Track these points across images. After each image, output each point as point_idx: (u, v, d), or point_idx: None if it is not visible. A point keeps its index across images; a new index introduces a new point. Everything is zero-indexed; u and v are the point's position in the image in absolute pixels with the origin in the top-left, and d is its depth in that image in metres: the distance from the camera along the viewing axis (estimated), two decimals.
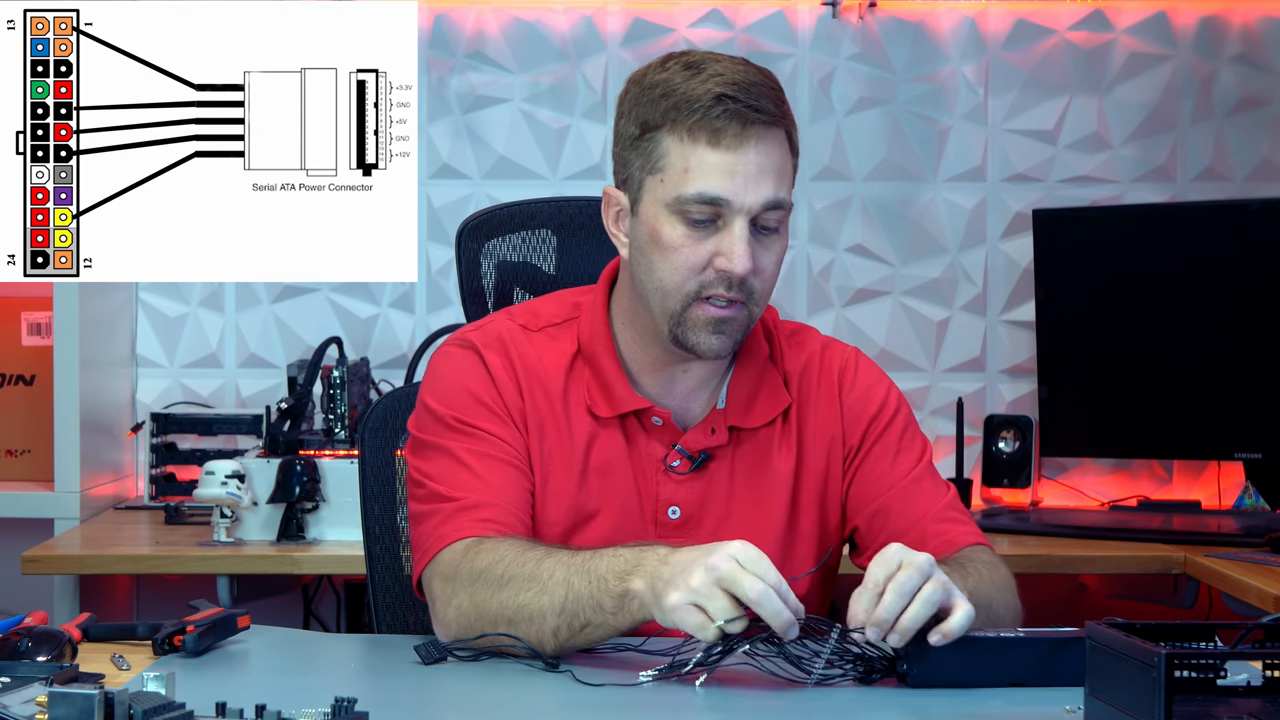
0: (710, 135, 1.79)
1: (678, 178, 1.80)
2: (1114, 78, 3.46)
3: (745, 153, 1.79)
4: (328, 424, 3.06)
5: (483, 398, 1.88)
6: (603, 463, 1.89)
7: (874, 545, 1.90)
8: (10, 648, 1.62)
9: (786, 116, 1.84)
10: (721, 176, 1.79)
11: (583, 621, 1.68)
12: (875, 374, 2.00)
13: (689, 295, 1.82)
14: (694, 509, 1.90)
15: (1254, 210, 3.19)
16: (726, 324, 1.83)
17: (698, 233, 1.81)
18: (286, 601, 3.26)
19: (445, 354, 1.93)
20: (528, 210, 2.33)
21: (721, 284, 1.81)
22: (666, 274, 1.83)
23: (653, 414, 1.90)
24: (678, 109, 1.80)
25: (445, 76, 3.42)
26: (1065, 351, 3.29)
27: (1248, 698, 1.32)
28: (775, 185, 1.80)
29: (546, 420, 1.89)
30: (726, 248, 1.80)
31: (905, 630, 1.57)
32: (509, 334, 1.93)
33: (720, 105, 1.78)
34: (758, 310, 1.86)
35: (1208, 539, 2.94)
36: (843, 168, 3.45)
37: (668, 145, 1.81)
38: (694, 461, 1.90)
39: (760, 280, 1.83)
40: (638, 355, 1.91)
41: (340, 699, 1.36)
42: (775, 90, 1.83)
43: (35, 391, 3.28)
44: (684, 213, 1.80)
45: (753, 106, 1.79)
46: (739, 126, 1.78)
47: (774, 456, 1.92)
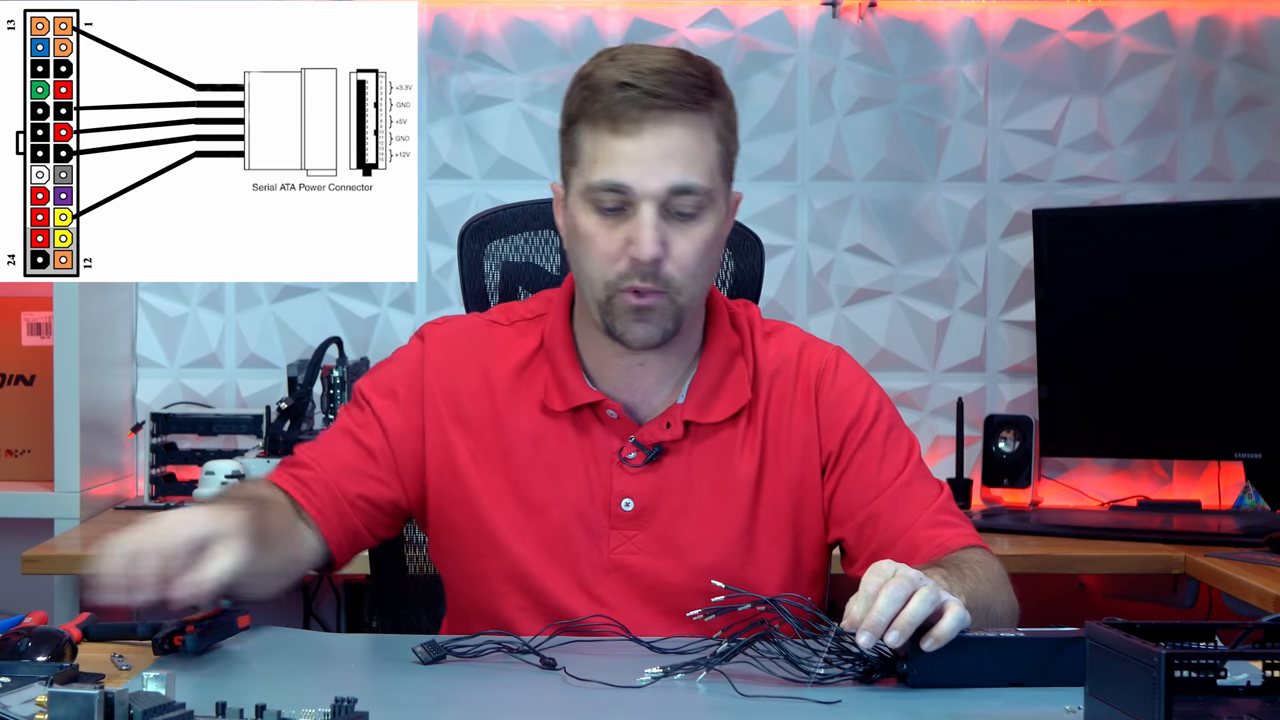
0: (610, 122, 1.80)
1: (588, 167, 1.82)
2: (1114, 78, 3.46)
3: (643, 138, 1.80)
4: (328, 424, 3.06)
5: (396, 385, 1.95)
6: (550, 457, 1.91)
7: (865, 554, 1.90)
8: (10, 648, 1.62)
9: (700, 102, 1.82)
10: (623, 163, 1.80)
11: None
12: (855, 375, 1.98)
13: (609, 285, 1.83)
14: (648, 501, 1.90)
15: (1254, 210, 3.19)
16: (649, 312, 1.83)
17: (609, 221, 1.82)
18: (287, 601, 3.26)
19: (408, 341, 2.00)
20: (530, 211, 2.33)
21: (636, 274, 1.81)
22: (587, 264, 1.85)
23: (606, 407, 1.91)
24: (587, 99, 1.82)
25: (445, 76, 3.42)
26: (1065, 351, 3.29)
27: (1248, 698, 1.32)
28: (683, 170, 1.80)
29: (484, 417, 1.93)
30: (634, 234, 1.81)
31: (905, 626, 1.56)
32: (469, 329, 1.98)
33: (620, 92, 1.80)
34: (684, 299, 1.84)
35: (1208, 539, 2.94)
36: (843, 168, 3.45)
37: (583, 136, 1.83)
38: (648, 454, 1.90)
39: (678, 268, 1.82)
40: (594, 351, 1.93)
41: (340, 699, 1.36)
42: (691, 76, 1.82)
43: (35, 391, 3.28)
44: (595, 201, 1.82)
45: (651, 92, 1.79)
46: (638, 111, 1.79)
47: (735, 456, 1.92)
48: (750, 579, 1.87)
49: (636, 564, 1.90)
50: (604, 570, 1.90)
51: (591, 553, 1.90)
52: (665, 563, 1.89)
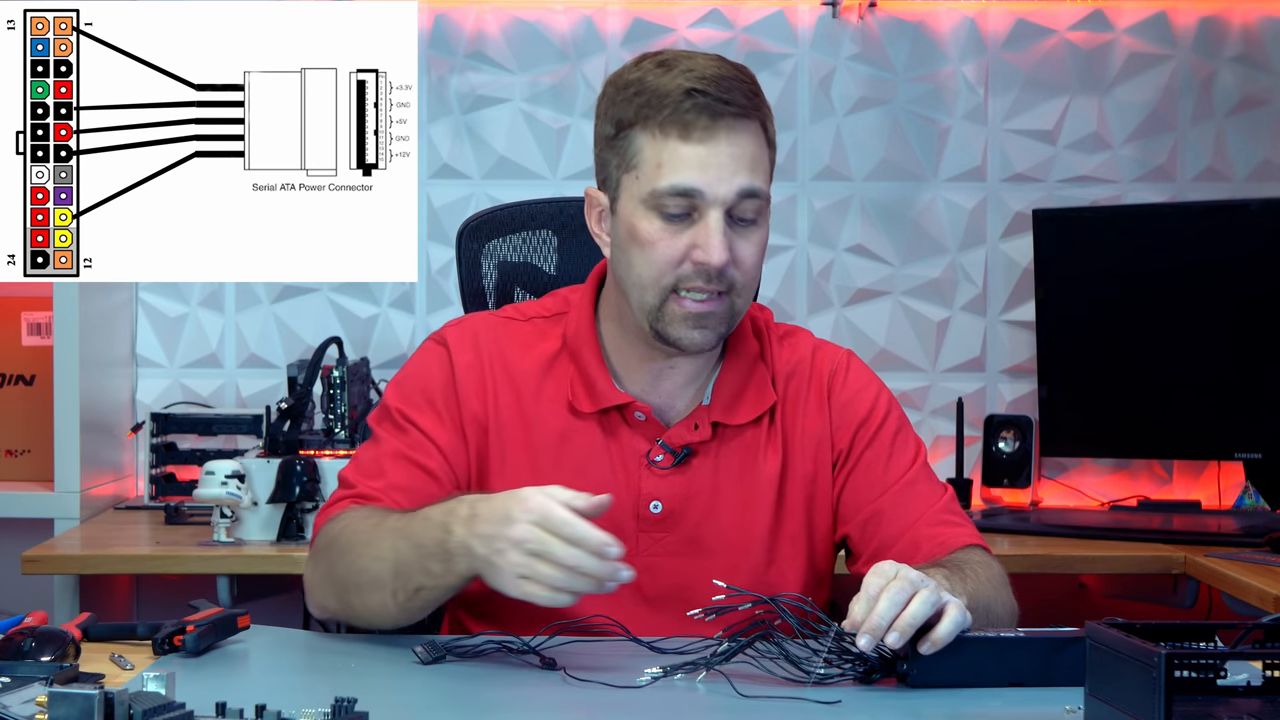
0: (681, 129, 1.81)
1: (652, 173, 1.83)
2: (1114, 78, 3.46)
3: (716, 144, 1.81)
4: (328, 424, 3.06)
5: (434, 397, 1.92)
6: (578, 459, 1.91)
7: (868, 550, 1.91)
8: (14, 647, 1.62)
9: (759, 109, 1.85)
10: (694, 169, 1.81)
11: (415, 585, 1.73)
12: (865, 377, 2.00)
13: (665, 289, 1.84)
14: (677, 503, 1.90)
15: (1254, 210, 3.19)
16: (708, 318, 1.85)
17: (673, 226, 1.83)
18: (286, 601, 3.25)
19: (421, 348, 1.99)
20: (528, 211, 2.33)
21: (700, 277, 1.83)
22: (644, 269, 1.84)
23: (635, 409, 1.91)
24: (649, 105, 1.83)
25: (445, 76, 3.42)
26: (1065, 351, 3.29)
27: (1248, 698, 1.32)
28: (749, 175, 1.82)
29: (512, 418, 1.92)
30: (702, 239, 1.81)
31: (905, 628, 1.57)
32: (487, 328, 1.97)
33: (690, 99, 1.81)
34: (740, 302, 1.87)
35: (1208, 539, 2.94)
36: (843, 168, 3.45)
37: (641, 142, 1.83)
38: (676, 456, 1.90)
39: (740, 271, 1.84)
40: (622, 352, 1.93)
41: (340, 699, 1.36)
42: (747, 83, 1.85)
43: (35, 391, 3.28)
44: (659, 207, 1.83)
45: (722, 99, 1.81)
46: (709, 119, 1.81)
47: (759, 457, 1.93)
48: (773, 579, 1.89)
49: (664, 566, 1.90)
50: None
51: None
52: (693, 564, 1.90)
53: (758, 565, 1.90)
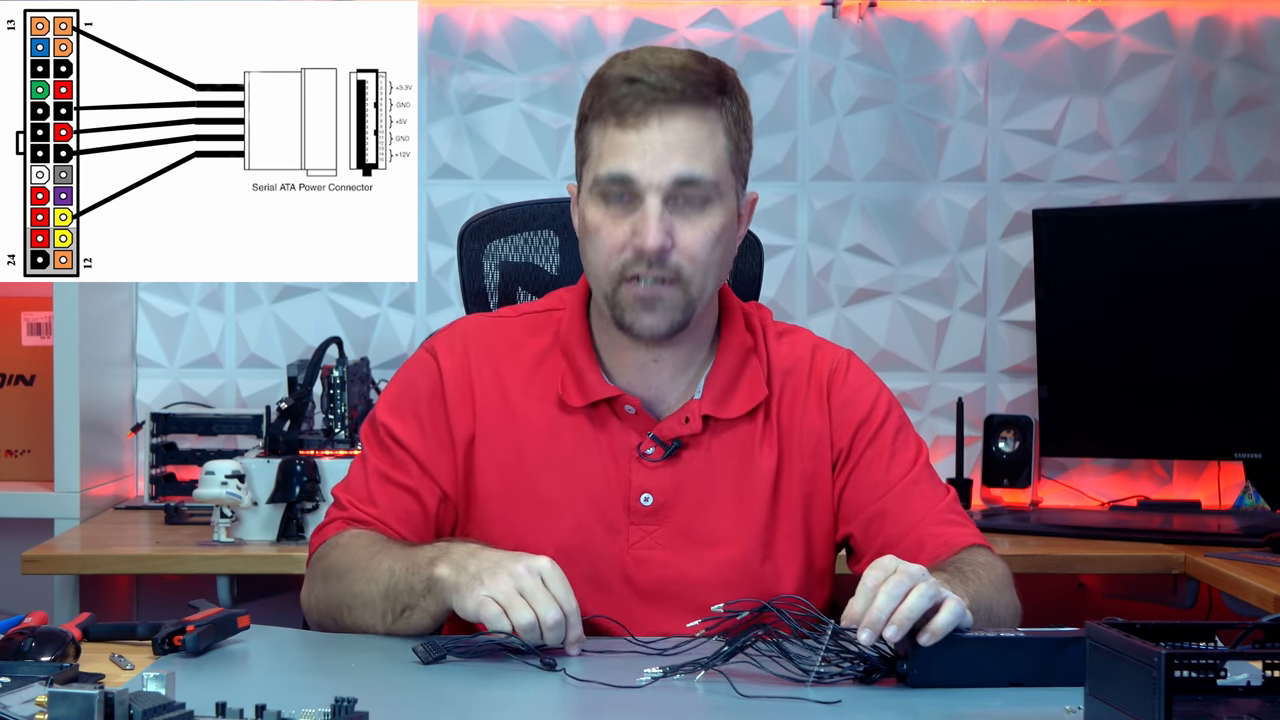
0: (618, 116, 1.84)
1: (596, 161, 1.86)
2: (1114, 78, 3.46)
3: (649, 131, 1.82)
4: (328, 424, 3.06)
5: (419, 408, 1.96)
6: (567, 453, 1.92)
7: (872, 550, 1.91)
8: (14, 647, 1.62)
9: (707, 98, 1.84)
10: (628, 155, 1.83)
11: (402, 605, 1.79)
12: (866, 376, 2.00)
13: (615, 276, 1.85)
14: (668, 496, 1.91)
15: (1254, 210, 3.19)
16: (657, 302, 1.85)
17: (615, 211, 1.85)
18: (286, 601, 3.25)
19: (413, 357, 2.02)
20: (530, 211, 2.33)
21: (640, 263, 1.83)
22: (594, 256, 1.87)
23: (624, 402, 1.92)
24: (599, 96, 1.86)
25: (445, 76, 3.42)
26: (1065, 351, 3.29)
27: (1248, 698, 1.32)
28: (686, 162, 1.82)
29: (501, 417, 1.94)
30: (639, 224, 1.83)
31: (902, 621, 1.57)
32: (476, 329, 1.99)
33: (625, 86, 1.83)
34: (695, 289, 1.86)
35: (1208, 539, 2.94)
36: (843, 168, 3.45)
37: (592, 133, 1.87)
38: (667, 449, 1.91)
39: (686, 258, 1.84)
40: (611, 347, 1.94)
41: (340, 699, 1.36)
42: (699, 73, 1.85)
43: (35, 391, 3.28)
44: (604, 195, 1.85)
45: (656, 86, 1.82)
46: (642, 105, 1.82)
47: (754, 453, 1.93)
48: (768, 574, 1.90)
49: (656, 558, 1.90)
50: (622, 565, 1.90)
51: (610, 548, 1.90)
52: (685, 557, 1.90)
53: (752, 560, 1.90)
